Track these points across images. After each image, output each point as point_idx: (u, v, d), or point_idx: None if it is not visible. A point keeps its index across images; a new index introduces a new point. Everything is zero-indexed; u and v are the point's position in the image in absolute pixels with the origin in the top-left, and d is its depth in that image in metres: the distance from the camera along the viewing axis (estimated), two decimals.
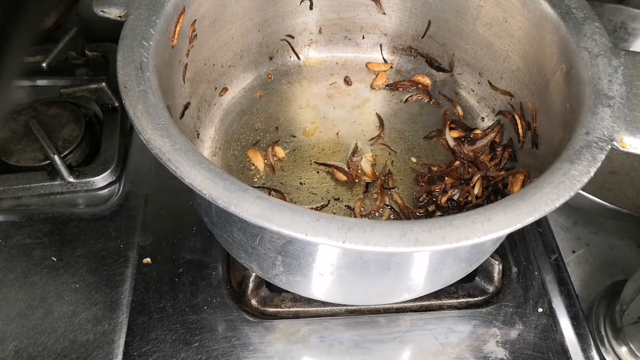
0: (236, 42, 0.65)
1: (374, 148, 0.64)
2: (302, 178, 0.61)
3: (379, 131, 0.66)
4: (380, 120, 0.67)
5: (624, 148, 0.41)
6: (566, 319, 0.56)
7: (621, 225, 0.69)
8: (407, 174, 0.62)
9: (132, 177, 0.66)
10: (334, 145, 0.64)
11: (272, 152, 0.62)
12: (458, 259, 0.47)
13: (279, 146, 0.63)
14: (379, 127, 0.66)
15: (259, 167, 0.61)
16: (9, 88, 0.47)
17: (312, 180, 0.61)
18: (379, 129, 0.66)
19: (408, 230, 0.35)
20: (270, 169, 0.61)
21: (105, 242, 0.59)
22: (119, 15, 0.49)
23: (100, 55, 0.76)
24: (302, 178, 0.61)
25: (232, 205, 0.35)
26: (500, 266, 0.58)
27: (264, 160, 0.62)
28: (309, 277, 0.46)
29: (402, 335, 0.55)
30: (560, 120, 0.49)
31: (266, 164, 0.62)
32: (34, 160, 0.64)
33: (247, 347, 0.53)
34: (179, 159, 0.38)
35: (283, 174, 0.61)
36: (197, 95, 0.60)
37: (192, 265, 0.58)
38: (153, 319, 0.54)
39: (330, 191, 0.60)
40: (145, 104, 0.41)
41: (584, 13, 0.50)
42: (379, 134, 0.65)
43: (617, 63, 0.46)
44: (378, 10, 0.69)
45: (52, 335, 0.53)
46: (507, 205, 0.37)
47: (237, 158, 0.63)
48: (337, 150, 0.64)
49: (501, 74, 0.63)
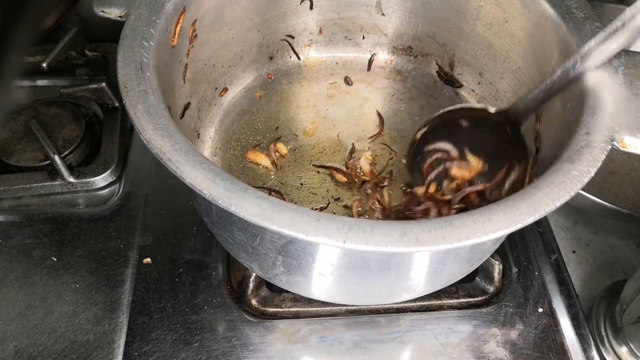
0: (236, 42, 0.65)
1: (374, 147, 0.64)
2: (303, 178, 0.61)
3: (379, 129, 0.66)
4: (380, 118, 0.67)
5: (624, 148, 0.41)
6: (566, 319, 0.56)
7: (621, 225, 0.69)
8: (406, 174, 0.62)
9: (132, 177, 0.66)
10: (334, 145, 0.64)
11: (274, 149, 0.62)
12: (458, 259, 0.47)
13: (280, 142, 0.63)
14: (379, 125, 0.66)
15: (264, 164, 0.61)
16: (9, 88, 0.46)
17: (312, 181, 0.61)
18: (379, 127, 0.66)
19: (408, 230, 0.35)
20: (274, 166, 0.61)
21: (105, 242, 0.59)
22: (119, 15, 0.49)
23: (101, 55, 0.76)
24: (302, 178, 0.61)
25: (233, 205, 0.35)
26: (501, 266, 0.58)
27: (267, 157, 0.62)
28: (309, 277, 0.46)
29: (403, 335, 0.55)
30: (561, 121, 0.49)
31: (271, 160, 0.62)
32: (34, 160, 0.64)
33: (247, 347, 0.53)
34: (179, 159, 0.38)
35: (284, 174, 0.61)
36: (197, 95, 0.60)
37: (192, 265, 0.58)
38: (153, 319, 0.54)
39: (330, 191, 0.60)
40: (146, 104, 0.41)
41: (585, 13, 0.50)
42: (379, 131, 0.65)
43: (617, 63, 0.45)
44: (377, 12, 0.69)
45: (53, 335, 0.53)
46: (508, 206, 0.37)
47: (237, 158, 0.63)
48: (338, 150, 0.64)
49: (501, 74, 0.63)
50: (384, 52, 0.73)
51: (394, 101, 0.70)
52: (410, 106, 0.69)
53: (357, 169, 0.61)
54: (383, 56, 0.74)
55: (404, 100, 0.70)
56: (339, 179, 0.61)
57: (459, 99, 0.69)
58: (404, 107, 0.69)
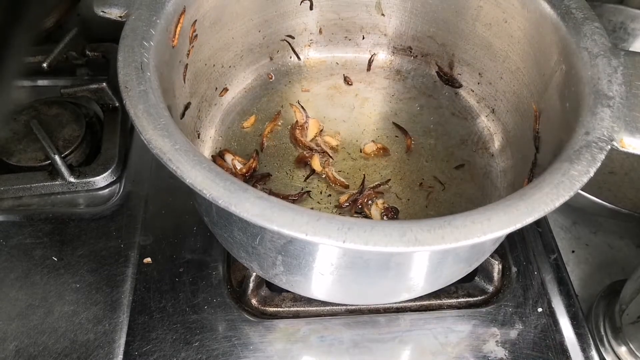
0: (236, 42, 0.65)
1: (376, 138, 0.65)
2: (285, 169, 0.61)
3: (407, 140, 0.65)
4: (401, 129, 0.66)
5: (624, 148, 0.41)
6: (566, 319, 0.56)
7: (621, 225, 0.69)
8: (405, 174, 0.62)
9: (133, 177, 0.66)
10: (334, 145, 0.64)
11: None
12: (458, 259, 0.47)
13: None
14: (405, 136, 0.65)
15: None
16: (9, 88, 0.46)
17: (314, 183, 0.61)
18: (406, 138, 0.65)
19: (408, 230, 0.35)
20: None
21: (105, 242, 0.60)
22: (119, 15, 0.49)
23: (101, 56, 0.76)
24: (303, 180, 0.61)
25: (233, 205, 0.35)
26: (500, 266, 0.58)
27: None
28: (309, 276, 0.47)
29: (402, 334, 0.55)
30: (560, 121, 0.49)
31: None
32: (35, 160, 0.64)
33: (247, 346, 0.53)
34: (179, 159, 0.38)
35: (285, 174, 0.62)
36: (197, 95, 0.60)
37: (192, 265, 0.58)
38: (153, 318, 0.54)
39: (328, 191, 0.60)
40: (146, 104, 0.41)
41: (584, 13, 0.50)
42: (409, 145, 0.65)
43: (616, 63, 0.46)
44: (377, 12, 0.70)
45: (53, 335, 0.53)
46: (507, 205, 0.37)
47: None
48: (338, 150, 0.64)
49: (501, 74, 0.63)
50: (384, 52, 0.73)
51: (394, 101, 0.70)
52: (410, 106, 0.69)
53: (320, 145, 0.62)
54: (383, 56, 0.74)
55: (404, 100, 0.70)
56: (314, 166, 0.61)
57: (459, 99, 0.69)
58: (404, 108, 0.69)
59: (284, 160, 0.63)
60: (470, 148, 0.65)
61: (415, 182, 0.61)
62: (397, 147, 0.65)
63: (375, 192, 0.59)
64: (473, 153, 0.65)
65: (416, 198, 0.60)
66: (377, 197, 0.59)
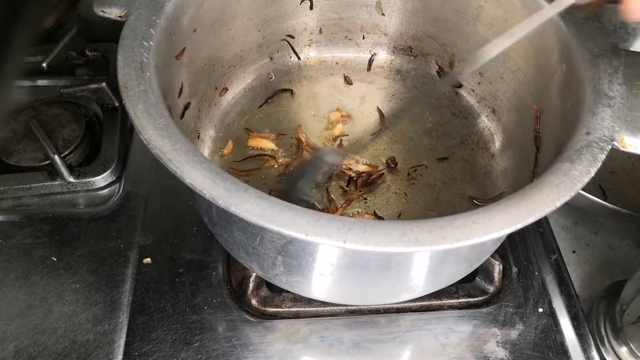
0: (236, 42, 0.65)
1: (375, 144, 0.64)
2: None
3: (380, 126, 0.65)
4: (380, 114, 0.67)
5: (625, 148, 0.41)
6: (566, 319, 0.56)
7: (621, 225, 0.69)
8: (405, 174, 0.62)
9: (133, 177, 0.66)
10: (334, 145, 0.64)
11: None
12: (458, 259, 0.47)
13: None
14: (380, 121, 0.66)
15: (268, 147, 0.62)
16: (9, 88, 0.47)
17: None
18: (380, 123, 0.66)
19: (408, 230, 0.35)
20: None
21: (105, 242, 0.59)
22: (119, 15, 0.49)
23: (101, 55, 0.76)
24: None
25: (233, 205, 0.35)
26: (501, 266, 0.58)
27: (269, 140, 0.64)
28: (309, 277, 0.46)
29: (403, 335, 0.55)
30: (561, 120, 0.49)
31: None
32: (34, 160, 0.64)
33: (247, 347, 0.53)
34: (179, 159, 0.38)
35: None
36: (197, 95, 0.60)
37: (192, 265, 0.58)
38: (153, 319, 0.54)
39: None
40: (146, 104, 0.41)
41: (584, 13, 0.50)
42: (381, 128, 0.65)
43: (617, 63, 0.46)
44: (377, 12, 0.69)
45: (53, 335, 0.53)
46: (508, 205, 0.37)
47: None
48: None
49: (501, 74, 0.63)
50: (384, 52, 0.73)
51: (394, 101, 0.70)
52: (410, 106, 0.69)
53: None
54: (383, 56, 0.74)
55: (404, 100, 0.70)
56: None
57: (459, 99, 0.69)
58: (404, 108, 0.69)
59: None
60: (471, 148, 0.65)
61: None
62: (397, 146, 0.65)
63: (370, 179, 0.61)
64: (473, 153, 0.65)
65: (414, 195, 0.60)
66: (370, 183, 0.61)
